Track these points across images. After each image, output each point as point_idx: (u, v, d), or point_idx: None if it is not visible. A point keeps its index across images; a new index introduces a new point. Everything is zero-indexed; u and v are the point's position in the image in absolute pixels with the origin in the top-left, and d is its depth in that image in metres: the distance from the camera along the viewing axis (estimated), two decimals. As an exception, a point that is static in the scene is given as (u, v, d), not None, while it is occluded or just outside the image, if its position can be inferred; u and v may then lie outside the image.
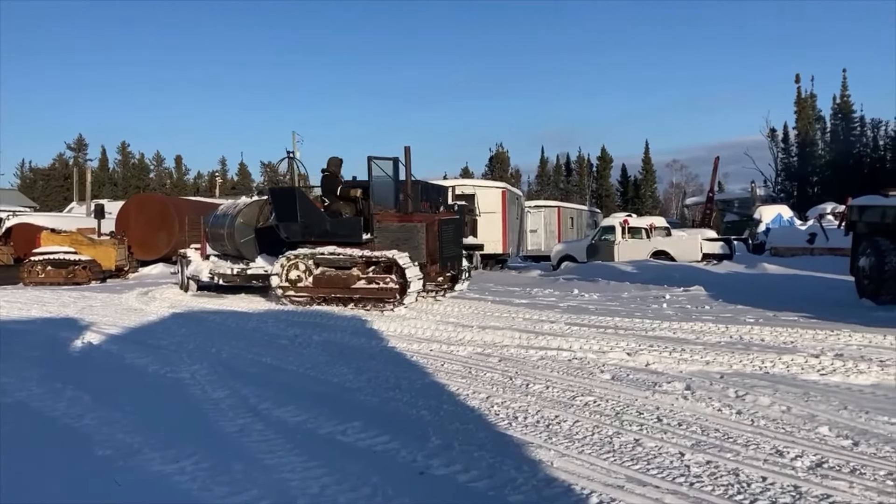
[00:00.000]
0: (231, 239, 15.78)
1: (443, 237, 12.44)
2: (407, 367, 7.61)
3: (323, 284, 12.51)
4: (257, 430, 5.35)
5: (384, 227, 12.59)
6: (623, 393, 6.30)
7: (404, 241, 12.34)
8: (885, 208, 12.22)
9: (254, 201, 16.51)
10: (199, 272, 16.57)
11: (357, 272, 12.28)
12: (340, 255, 12.36)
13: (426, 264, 12.34)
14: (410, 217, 12.60)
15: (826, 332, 9.08)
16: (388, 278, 12.05)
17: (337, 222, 12.79)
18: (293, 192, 13.18)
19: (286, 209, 13.05)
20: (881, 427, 5.18)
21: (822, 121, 54.58)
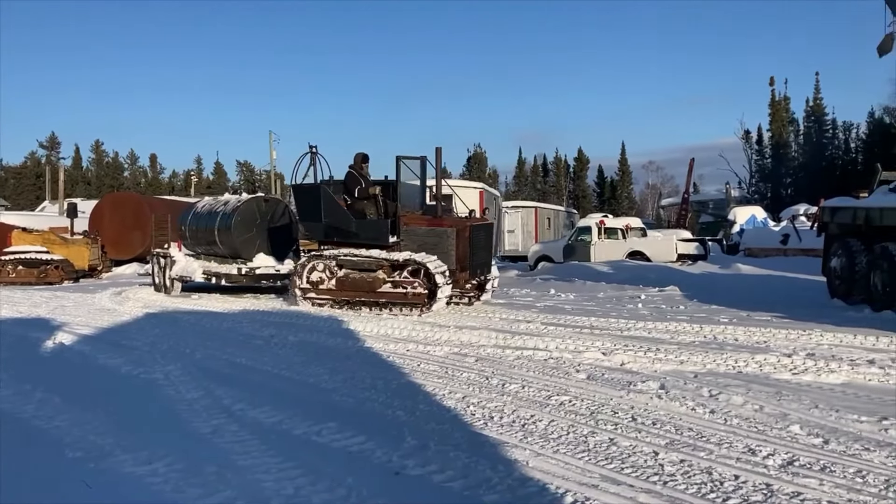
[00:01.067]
0: (226, 237, 15.18)
1: (474, 243, 11.87)
2: (383, 367, 7.59)
3: (346, 287, 12.02)
4: (231, 430, 5.31)
5: (411, 231, 12.01)
6: (598, 392, 6.33)
7: (433, 246, 11.79)
8: (856, 210, 12.39)
9: (252, 198, 15.94)
10: (190, 272, 15.95)
11: (383, 275, 11.74)
12: (366, 257, 11.86)
13: (455, 271, 11.74)
14: (440, 221, 12.11)
15: (798, 331, 9.19)
16: (417, 283, 11.53)
17: (363, 223, 12.22)
18: (318, 189, 12.50)
19: (310, 207, 12.56)
20: (851, 425, 5.25)
21: (796, 123, 55.34)
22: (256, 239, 15.29)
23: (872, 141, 48.73)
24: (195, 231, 16.46)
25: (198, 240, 16.41)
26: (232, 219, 15.10)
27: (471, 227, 11.80)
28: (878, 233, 11.54)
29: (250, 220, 15.30)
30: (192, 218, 16.73)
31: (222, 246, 15.53)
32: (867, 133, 50.93)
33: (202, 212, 16.57)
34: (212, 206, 16.42)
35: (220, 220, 15.44)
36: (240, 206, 15.30)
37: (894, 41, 13.86)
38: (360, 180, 12.50)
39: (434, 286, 11.26)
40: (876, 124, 49.39)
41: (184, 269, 16.23)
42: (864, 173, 40.18)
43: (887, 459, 4.49)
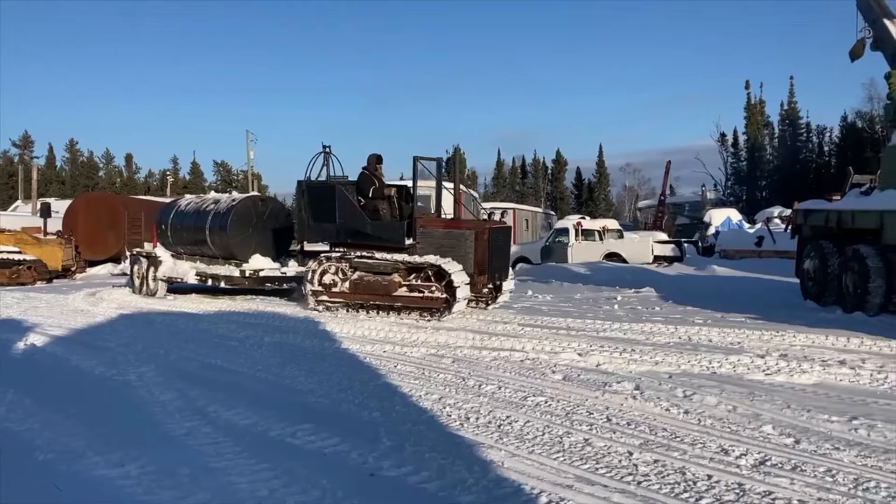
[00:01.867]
0: (220, 237, 14.51)
1: (493, 247, 11.38)
2: (359, 368, 7.57)
3: (360, 290, 11.61)
4: (205, 432, 5.27)
5: (428, 233, 11.52)
6: (574, 393, 6.36)
7: (450, 249, 11.30)
8: (829, 212, 12.55)
9: (247, 197, 15.27)
10: (181, 274, 15.24)
11: (398, 279, 11.35)
12: (381, 259, 11.46)
13: (474, 275, 11.28)
14: (459, 223, 11.77)
15: (772, 332, 9.30)
16: (434, 287, 11.11)
17: (378, 225, 11.79)
18: (333, 189, 12.11)
19: (323, 208, 12.17)
20: (822, 425, 5.32)
21: (771, 126, 55.95)
22: (252, 239, 14.69)
23: (845, 144, 49.40)
24: (179, 230, 15.76)
25: (181, 239, 15.73)
26: (228, 218, 14.44)
27: (490, 229, 11.46)
28: (850, 235, 11.70)
29: (246, 220, 14.69)
30: (174, 217, 16.02)
31: (214, 246, 14.85)
32: (840, 137, 51.57)
33: (187, 210, 15.81)
34: (199, 205, 15.70)
35: (212, 220, 14.74)
36: (236, 206, 14.68)
37: (865, 46, 14.04)
38: (373, 181, 12.12)
39: (452, 291, 10.88)
40: (849, 128, 50.06)
41: (172, 270, 15.54)
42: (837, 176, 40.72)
43: (856, 459, 4.56)
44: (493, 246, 11.41)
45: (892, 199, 10.71)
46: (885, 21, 13.33)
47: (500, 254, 11.75)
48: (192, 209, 15.73)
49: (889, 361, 7.56)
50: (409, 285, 11.30)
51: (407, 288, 11.32)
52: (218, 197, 15.96)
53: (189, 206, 15.97)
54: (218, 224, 14.64)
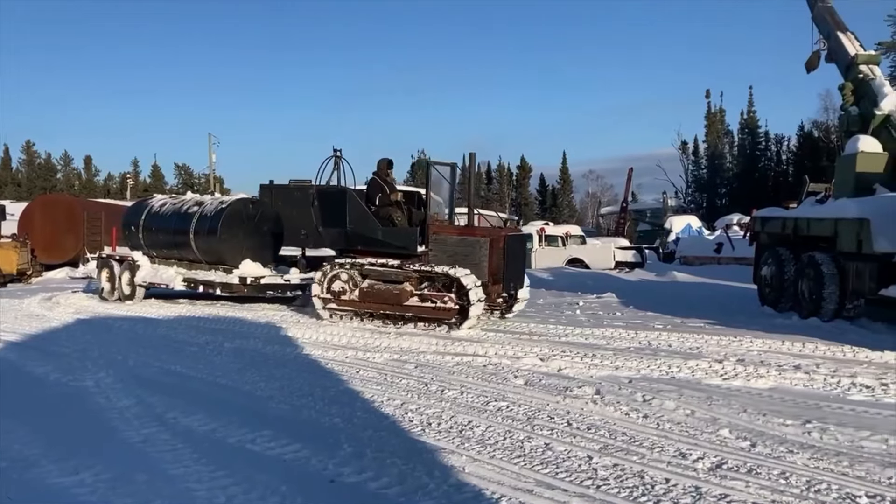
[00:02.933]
0: (207, 241, 13.87)
1: (508, 254, 10.93)
2: (321, 374, 7.53)
3: (370, 299, 11.11)
4: (163, 439, 5.20)
5: (441, 240, 11.11)
6: (535, 398, 6.41)
7: (464, 257, 10.89)
8: (786, 220, 12.81)
9: (238, 199, 14.57)
10: (166, 280, 14.39)
11: (410, 287, 10.84)
12: (392, 267, 11.00)
13: (488, 284, 10.81)
14: (472, 230, 11.34)
15: (730, 338, 9.46)
16: (447, 297, 10.59)
17: (390, 231, 11.36)
18: (343, 194, 11.64)
19: (333, 213, 11.71)
20: (777, 429, 5.43)
21: (730, 135, 56.85)
22: (243, 244, 14.00)
23: (802, 153, 50.43)
24: (153, 232, 14.95)
25: (156, 242, 14.95)
26: (218, 221, 13.71)
27: (506, 237, 11.01)
28: (806, 242, 11.95)
29: (237, 224, 13.99)
30: (146, 218, 15.12)
31: (199, 251, 14.13)
32: (797, 146, 52.62)
33: (163, 212, 15.00)
34: (177, 206, 14.90)
35: (198, 222, 14.02)
36: (226, 208, 13.93)
37: (821, 58, 14.38)
38: (383, 187, 11.71)
39: (466, 302, 10.37)
40: (805, 137, 51.11)
41: (153, 275, 14.73)
42: (794, 185, 41.64)
43: (809, 461, 4.66)
44: (509, 253, 11.01)
45: (846, 207, 10.96)
46: (838, 34, 13.66)
47: (515, 261, 11.32)
48: (169, 210, 14.98)
49: (842, 366, 7.74)
50: (421, 295, 10.83)
51: (419, 297, 10.83)
52: (201, 199, 15.19)
53: (165, 208, 15.19)
54: (205, 227, 13.94)
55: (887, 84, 12.82)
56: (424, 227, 11.20)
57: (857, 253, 10.42)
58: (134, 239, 15.50)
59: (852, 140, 12.20)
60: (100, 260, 16.25)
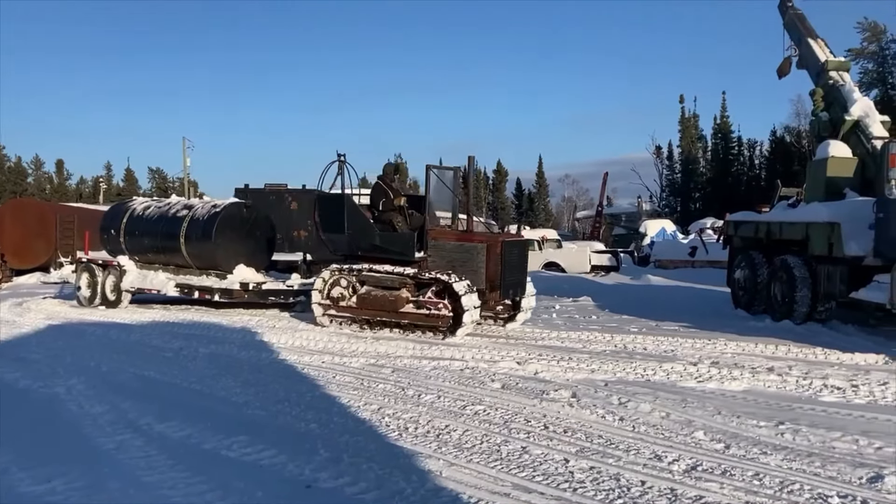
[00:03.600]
0: (199, 246, 13.51)
1: (506, 261, 10.63)
2: (297, 379, 7.49)
3: (367, 305, 10.96)
4: (137, 446, 5.15)
5: (440, 246, 10.93)
6: (512, 401, 6.42)
7: (462, 263, 10.70)
8: (758, 224, 12.96)
9: (233, 203, 14.14)
10: (157, 286, 13.98)
11: (406, 294, 10.68)
12: (388, 273, 10.84)
13: (486, 290, 10.61)
14: (471, 236, 11.14)
15: (704, 340, 9.55)
16: (441, 304, 10.37)
17: (388, 236, 11.17)
18: (341, 199, 11.52)
19: (332, 219, 11.54)
20: (750, 430, 5.49)
21: (704, 140, 57.33)
22: (238, 249, 13.65)
23: (774, 158, 50.95)
24: (137, 236, 14.48)
25: (140, 247, 14.48)
26: (213, 225, 13.34)
27: (503, 242, 10.75)
28: (778, 246, 12.10)
29: (232, 228, 13.61)
30: (129, 222, 14.64)
31: (190, 256, 13.75)
32: (770, 151, 53.13)
33: (148, 215, 14.56)
34: (164, 210, 14.47)
35: (189, 227, 13.62)
36: (221, 212, 13.56)
37: (792, 64, 14.61)
38: (387, 191, 11.49)
39: (460, 308, 10.13)
40: (778, 142, 51.67)
41: (142, 280, 14.28)
42: (767, 189, 42.19)
43: (783, 462, 4.71)
44: (507, 260, 10.70)
45: (817, 211, 11.12)
46: (809, 40, 13.88)
47: (514, 268, 10.97)
48: (154, 214, 14.55)
49: (814, 368, 7.84)
50: (417, 301, 10.63)
51: (414, 304, 10.65)
52: (190, 202, 14.83)
53: (150, 211, 14.74)
54: (198, 231, 13.56)
55: (856, 90, 13.06)
56: (423, 233, 10.98)
57: (828, 256, 10.57)
58: (114, 243, 15.03)
59: (823, 145, 12.40)
60: (79, 264, 15.65)
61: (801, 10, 14.65)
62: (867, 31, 38.01)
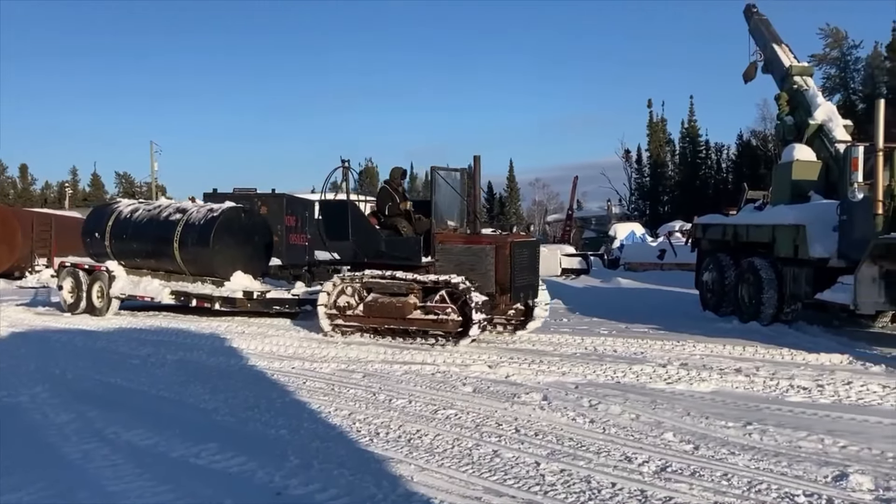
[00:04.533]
0: (194, 252, 13.03)
1: (515, 263, 10.24)
2: (267, 385, 7.43)
3: (374, 313, 10.54)
4: (103, 454, 5.06)
5: (447, 249, 10.56)
6: (483, 405, 6.43)
7: (470, 267, 10.32)
8: (726, 226, 13.13)
9: (231, 208, 13.62)
10: (149, 292, 13.43)
11: (413, 300, 10.29)
12: (392, 279, 10.46)
13: (495, 294, 10.24)
14: (478, 238, 10.72)
15: (673, 342, 9.65)
16: (449, 308, 10.01)
17: (393, 241, 10.88)
18: (345, 205, 11.19)
19: (336, 225, 11.23)
20: (719, 431, 5.55)
21: (672, 144, 58.04)
22: (235, 255, 13.17)
23: (741, 161, 51.73)
24: (124, 240, 13.93)
25: (128, 252, 13.95)
26: (210, 231, 12.84)
27: (511, 244, 10.33)
28: (745, 248, 12.27)
29: (230, 234, 13.15)
30: (115, 225, 14.08)
31: (184, 262, 13.24)
32: (737, 154, 53.95)
33: (138, 219, 14.00)
34: (154, 213, 13.95)
35: (183, 231, 13.12)
36: (219, 217, 13.07)
37: (757, 69, 14.86)
38: (393, 196, 11.24)
39: (468, 314, 9.78)
40: (744, 146, 52.45)
41: (133, 287, 13.72)
42: (734, 192, 42.76)
43: (750, 462, 4.77)
44: (517, 262, 10.31)
45: (783, 213, 11.30)
46: (774, 46, 14.12)
47: (525, 271, 10.56)
48: (143, 217, 14.00)
49: (780, 368, 7.95)
50: (425, 307, 10.26)
51: (422, 310, 10.27)
52: (183, 205, 14.19)
53: (139, 214, 14.16)
54: (193, 237, 13.05)
55: (820, 95, 13.31)
56: (430, 237, 10.62)
57: (793, 258, 10.74)
58: (97, 247, 14.44)
59: (788, 149, 12.60)
60: (61, 269, 14.93)
61: (766, 15, 14.91)
62: (829, 37, 38.83)
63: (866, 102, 32.66)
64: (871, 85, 36.13)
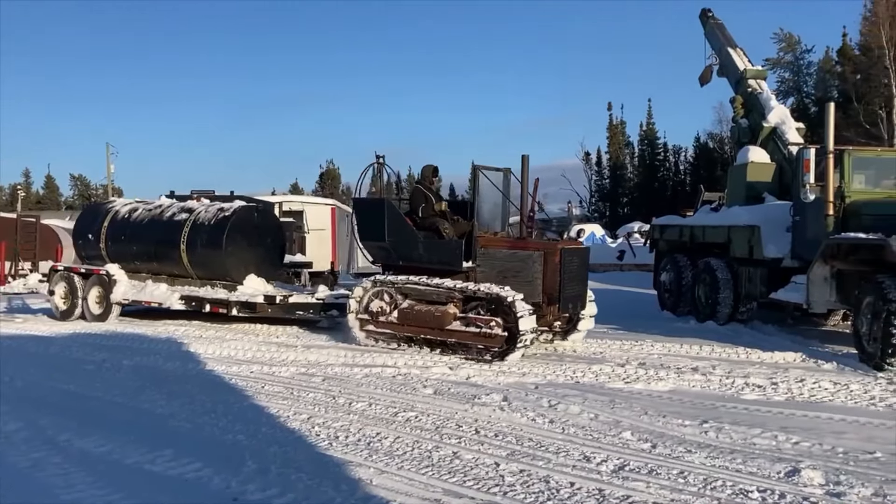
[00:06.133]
0: (208, 254, 12.33)
1: (565, 271, 9.41)
2: (224, 390, 7.33)
3: (410, 321, 9.73)
4: (55, 463, 4.95)
5: (490, 255, 9.77)
6: (444, 407, 6.42)
7: (514, 274, 9.52)
8: (682, 227, 13.33)
9: (244, 207, 12.88)
10: (156, 298, 12.57)
11: (453, 310, 9.40)
12: (430, 285, 9.66)
13: (542, 304, 9.36)
14: (525, 244, 9.95)
15: (631, 342, 9.76)
16: (493, 321, 9.01)
17: (432, 244, 10.09)
18: (381, 204, 10.56)
19: (372, 226, 10.62)
20: (676, 429, 5.62)
21: (631, 146, 58.85)
22: (248, 257, 12.47)
23: (699, 163, 52.63)
24: (123, 242, 13.25)
25: (127, 254, 13.23)
26: (223, 232, 12.11)
27: (561, 250, 9.53)
28: (702, 249, 12.46)
29: (243, 235, 12.43)
30: (112, 226, 13.43)
31: (192, 264, 12.55)
32: (694, 156, 54.90)
33: (137, 219, 13.34)
34: (157, 213, 13.24)
35: (191, 232, 12.41)
36: (231, 217, 12.32)
37: (713, 72, 15.12)
38: (427, 196, 10.54)
39: (515, 327, 8.78)
40: (701, 148, 53.37)
41: (136, 292, 12.92)
42: (692, 194, 43.44)
43: (706, 460, 4.84)
44: (566, 270, 9.48)
45: (738, 214, 11.50)
46: (728, 50, 14.38)
47: (574, 280, 9.72)
48: (144, 218, 13.30)
49: (736, 367, 8.09)
50: (466, 318, 9.33)
51: (463, 321, 9.34)
52: (188, 205, 13.34)
53: (138, 214, 13.43)
54: (203, 238, 12.34)
55: (773, 98, 13.59)
56: (472, 240, 9.84)
57: (748, 258, 10.94)
58: (91, 249, 13.76)
59: (743, 151, 12.84)
60: (53, 273, 14.04)
61: (721, 20, 15.18)
62: (783, 42, 39.66)
63: (818, 106, 33.42)
64: (823, 89, 37.02)
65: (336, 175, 75.45)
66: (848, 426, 5.75)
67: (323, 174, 75.47)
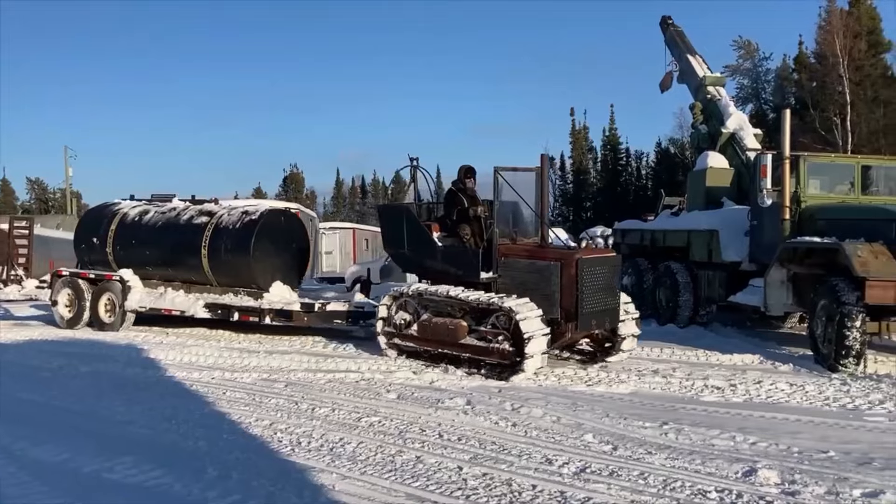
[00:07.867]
0: (233, 260, 11.62)
1: (584, 283, 8.35)
2: (185, 396, 7.24)
3: (428, 334, 9.08)
4: (9, 473, 4.86)
5: (510, 264, 8.96)
6: (407, 411, 6.43)
7: (534, 286, 8.62)
8: (643, 232, 13.49)
9: (270, 210, 12.26)
10: (178, 306, 11.86)
11: (465, 323, 8.77)
12: (444, 297, 9.02)
13: (560, 321, 8.46)
14: (543, 253, 9.00)
15: (594, 345, 9.82)
16: (501, 336, 8.37)
17: (450, 253, 9.46)
18: (401, 211, 10.20)
19: (393, 232, 10.18)
20: (637, 431, 5.69)
21: (594, 151, 59.41)
22: (275, 263, 11.88)
23: (660, 168, 53.27)
24: (135, 248, 12.55)
25: (140, 260, 12.50)
26: (251, 237, 11.46)
27: (578, 260, 8.43)
28: (662, 253, 12.63)
29: (271, 240, 11.80)
30: (121, 229, 12.74)
31: (214, 272, 11.83)
32: (655, 161, 55.61)
33: (149, 222, 12.63)
34: (172, 216, 12.55)
35: (213, 237, 11.73)
36: (259, 221, 11.67)
37: (673, 79, 15.34)
38: (461, 199, 9.77)
39: (521, 343, 8.04)
40: (663, 153, 54.05)
41: (154, 300, 12.14)
42: (653, 198, 43.92)
43: (666, 461, 4.91)
44: (586, 282, 8.42)
45: (697, 219, 11.68)
46: (688, 56, 14.59)
47: (598, 293, 8.60)
48: (157, 220, 12.62)
49: (696, 369, 8.21)
50: (478, 332, 8.68)
51: (476, 335, 8.71)
52: (207, 207, 12.60)
53: (150, 217, 12.74)
54: (227, 243, 11.66)
55: (732, 105, 13.81)
56: (491, 249, 9.10)
57: (708, 262, 11.12)
58: (96, 254, 13.01)
59: (702, 156, 13.03)
60: (61, 279, 13.14)
61: (681, 27, 15.40)
62: (742, 49, 40.34)
63: (776, 112, 34.06)
64: (781, 96, 37.72)
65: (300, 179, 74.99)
66: (803, 426, 5.88)
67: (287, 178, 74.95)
